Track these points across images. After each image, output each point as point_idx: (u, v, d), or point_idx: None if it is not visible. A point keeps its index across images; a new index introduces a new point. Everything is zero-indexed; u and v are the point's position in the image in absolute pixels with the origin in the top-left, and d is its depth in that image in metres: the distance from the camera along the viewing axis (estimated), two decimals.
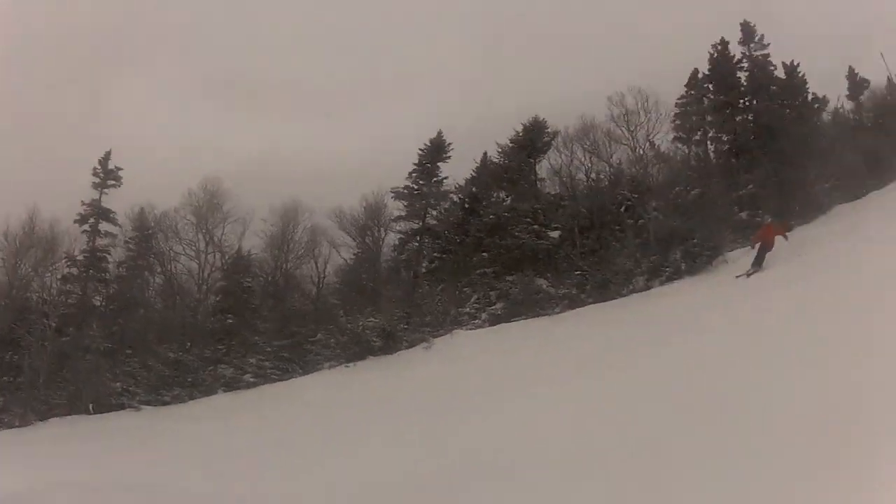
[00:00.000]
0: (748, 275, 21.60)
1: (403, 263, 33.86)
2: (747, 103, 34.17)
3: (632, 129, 31.61)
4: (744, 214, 30.96)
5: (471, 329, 26.73)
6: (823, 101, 34.70)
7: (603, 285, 27.40)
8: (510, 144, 33.36)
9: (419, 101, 59.34)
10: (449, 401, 16.16)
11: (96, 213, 34.53)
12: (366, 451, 12.78)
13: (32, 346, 30.29)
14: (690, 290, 24.65)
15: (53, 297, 33.46)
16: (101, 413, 28.26)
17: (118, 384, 29.83)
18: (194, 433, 21.17)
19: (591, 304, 26.81)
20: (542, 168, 33.62)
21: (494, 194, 32.67)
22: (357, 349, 25.69)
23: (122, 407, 28.78)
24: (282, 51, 73.60)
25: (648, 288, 27.06)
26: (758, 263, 22.04)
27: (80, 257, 34.02)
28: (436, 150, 33.97)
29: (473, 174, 34.32)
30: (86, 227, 34.48)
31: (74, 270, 33.97)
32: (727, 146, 33.76)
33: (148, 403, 28.70)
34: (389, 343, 25.69)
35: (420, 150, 34.18)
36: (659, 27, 58.69)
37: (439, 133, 34.37)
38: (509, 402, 13.81)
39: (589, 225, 30.64)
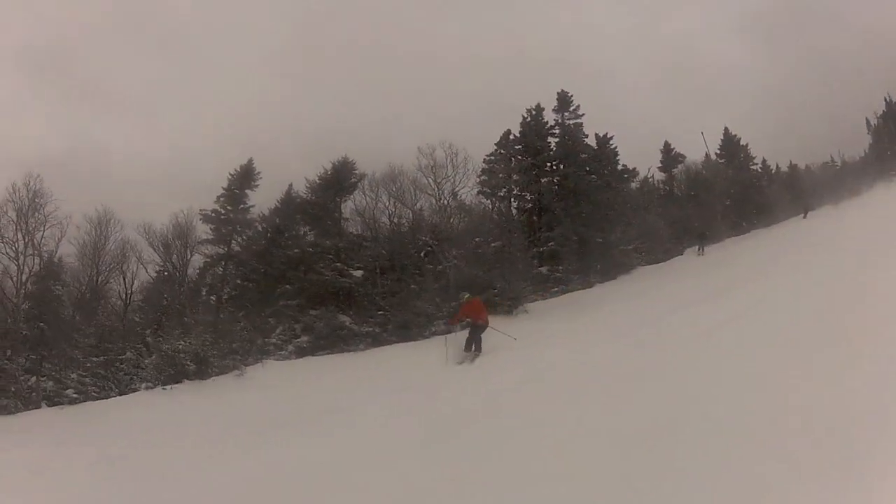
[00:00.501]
0: (466, 361, 17.92)
1: (207, 287, 32.72)
2: (555, 167, 36.18)
3: (438, 180, 32.45)
4: (544, 269, 32.59)
5: (279, 360, 26.26)
6: (633, 172, 37.81)
7: (404, 325, 27.68)
8: (318, 181, 33.18)
9: (231, 118, 58.99)
10: (264, 427, 15.73)
11: None
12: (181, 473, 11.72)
13: None
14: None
15: None
16: None
17: None
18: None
19: (395, 342, 27.07)
20: (347, 208, 33.76)
21: (299, 228, 32.39)
22: (171, 371, 24.43)
23: None
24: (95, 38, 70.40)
25: (451, 332, 27.74)
26: (475, 346, 18.26)
27: None
28: (245, 177, 33.23)
29: (278, 205, 33.91)
30: None
31: None
32: (530, 205, 35.42)
33: None
34: (202, 368, 24.63)
35: (230, 174, 33.39)
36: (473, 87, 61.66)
37: (250, 160, 33.82)
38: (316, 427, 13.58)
39: (389, 266, 30.93)
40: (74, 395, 26.42)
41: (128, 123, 60.63)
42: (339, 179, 32.81)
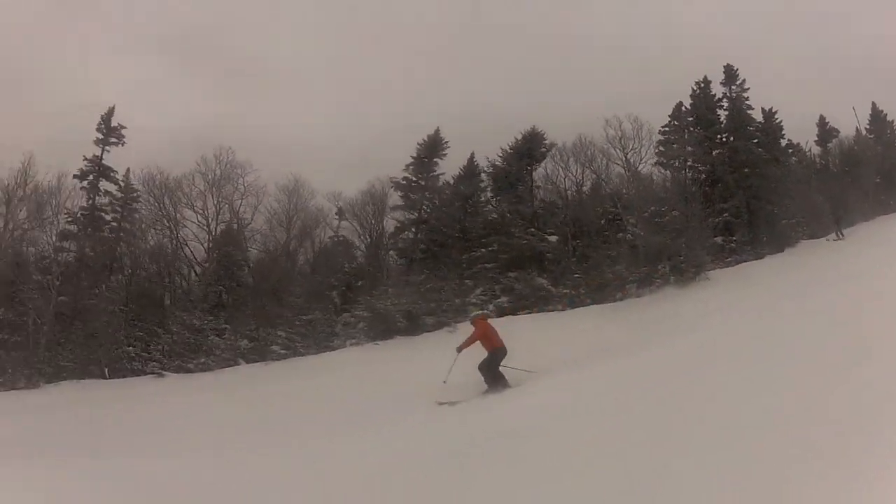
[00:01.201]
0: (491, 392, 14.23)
1: (398, 251, 34.92)
2: (724, 139, 36.96)
3: (626, 151, 33.85)
4: (719, 240, 33.52)
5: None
6: (797, 148, 38.05)
7: (600, 288, 29.17)
8: (509, 150, 34.96)
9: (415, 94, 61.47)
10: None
11: (97, 170, 33.89)
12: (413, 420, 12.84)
13: (35, 303, 29.49)
14: (681, 299, 26.80)
15: (51, 254, 32.65)
16: (116, 378, 27.80)
17: (131, 348, 29.46)
18: (227, 400, 21.30)
19: (590, 304, 28.57)
20: (537, 175, 35.46)
21: (486, 194, 34.23)
22: (383, 328, 26.43)
23: (137, 373, 28.40)
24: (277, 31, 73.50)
25: (639, 295, 29.12)
26: (497, 378, 14.54)
27: (79, 214, 33.32)
28: (433, 146, 35.28)
29: (461, 173, 35.70)
30: (84, 183, 33.79)
31: (74, 227, 33.24)
32: (703, 176, 36.32)
33: (168, 370, 28.45)
34: (413, 324, 26.61)
35: (418, 143, 35.61)
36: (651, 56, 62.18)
37: (437, 130, 35.89)
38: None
39: (579, 232, 32.44)
40: (282, 352, 28.78)
41: (301, 98, 63.45)
42: (530, 148, 34.41)
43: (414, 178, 34.81)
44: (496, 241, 31.56)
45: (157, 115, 56.45)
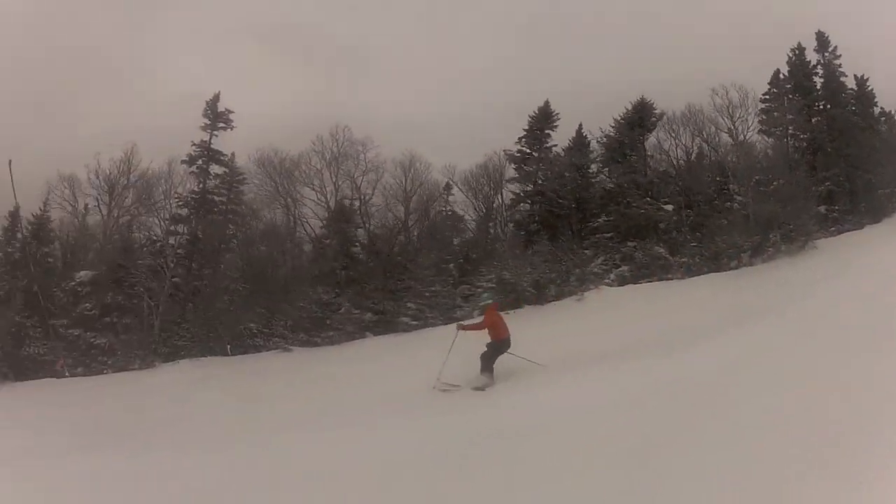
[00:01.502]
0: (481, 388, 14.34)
1: (514, 223, 36.47)
2: (821, 107, 37.80)
3: (734, 119, 35.00)
4: (822, 209, 34.57)
5: (611, 286, 29.45)
6: (890, 115, 38.67)
7: (714, 257, 30.54)
8: (621, 120, 36.13)
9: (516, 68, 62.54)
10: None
11: (206, 154, 35.43)
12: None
13: (147, 285, 31.17)
14: (793, 268, 28.02)
15: (163, 238, 34.62)
16: (238, 355, 29.19)
17: (252, 325, 30.96)
18: (353, 373, 21.94)
19: (706, 272, 29.95)
20: (649, 145, 36.90)
21: (603, 165, 35.50)
22: (512, 297, 27.85)
23: (258, 349, 29.97)
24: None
25: (752, 264, 30.43)
26: (490, 371, 14.69)
27: (190, 198, 35.12)
28: (544, 118, 36.55)
29: (570, 144, 36.97)
30: (193, 168, 35.48)
31: (184, 211, 35.03)
32: (805, 144, 37.24)
33: (293, 344, 29.94)
34: (541, 293, 28.12)
35: (530, 116, 36.92)
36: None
37: (546, 102, 37.16)
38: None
39: (690, 202, 33.71)
40: (413, 323, 30.30)
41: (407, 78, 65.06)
42: (641, 118, 35.66)
43: (528, 150, 36.15)
44: (614, 211, 32.93)
45: (260, 102, 57.72)
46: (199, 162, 35.46)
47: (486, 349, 14.74)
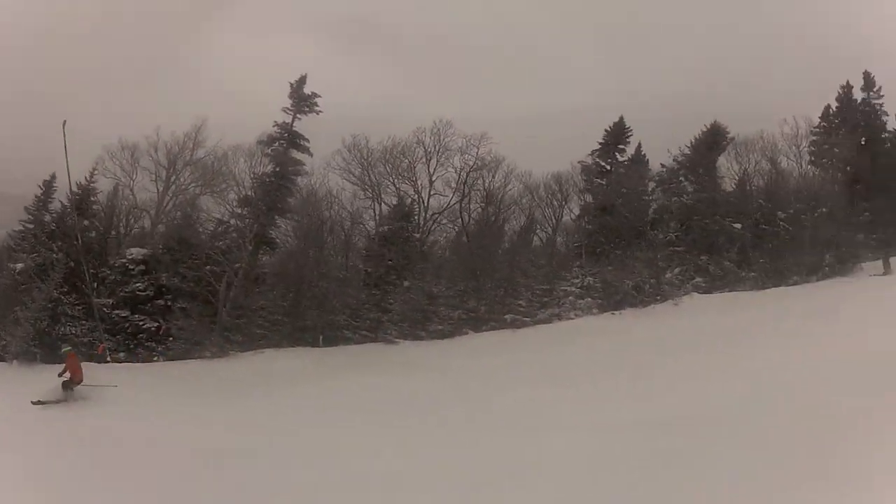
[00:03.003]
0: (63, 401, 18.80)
1: (587, 233, 39.16)
2: (864, 143, 41.59)
3: (799, 148, 38.66)
4: (861, 236, 38.08)
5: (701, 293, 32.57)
6: None
7: (778, 273, 33.96)
8: (694, 141, 39.56)
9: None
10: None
11: (286, 136, 33.92)
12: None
13: (214, 272, 30.89)
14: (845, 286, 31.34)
15: (233, 218, 33.70)
16: (327, 347, 29.53)
17: (341, 317, 31.15)
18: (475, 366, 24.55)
19: (772, 287, 33.32)
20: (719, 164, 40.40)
21: (681, 181, 38.71)
22: (617, 299, 30.63)
23: (346, 340, 30.15)
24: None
25: (808, 281, 33.86)
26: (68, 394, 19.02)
27: (267, 179, 33.52)
28: (617, 133, 39.81)
29: (628, 161, 40.14)
30: (269, 150, 34.26)
31: (253, 192, 33.63)
32: (848, 177, 40.90)
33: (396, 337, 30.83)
34: (642, 297, 31.03)
35: (606, 129, 40.15)
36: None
37: (621, 118, 40.41)
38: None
39: (758, 220, 36.99)
40: (525, 319, 32.07)
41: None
42: (716, 141, 38.91)
43: (602, 163, 39.29)
44: (688, 225, 36.09)
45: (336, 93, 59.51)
46: (277, 144, 33.94)
47: (65, 381, 19.19)
